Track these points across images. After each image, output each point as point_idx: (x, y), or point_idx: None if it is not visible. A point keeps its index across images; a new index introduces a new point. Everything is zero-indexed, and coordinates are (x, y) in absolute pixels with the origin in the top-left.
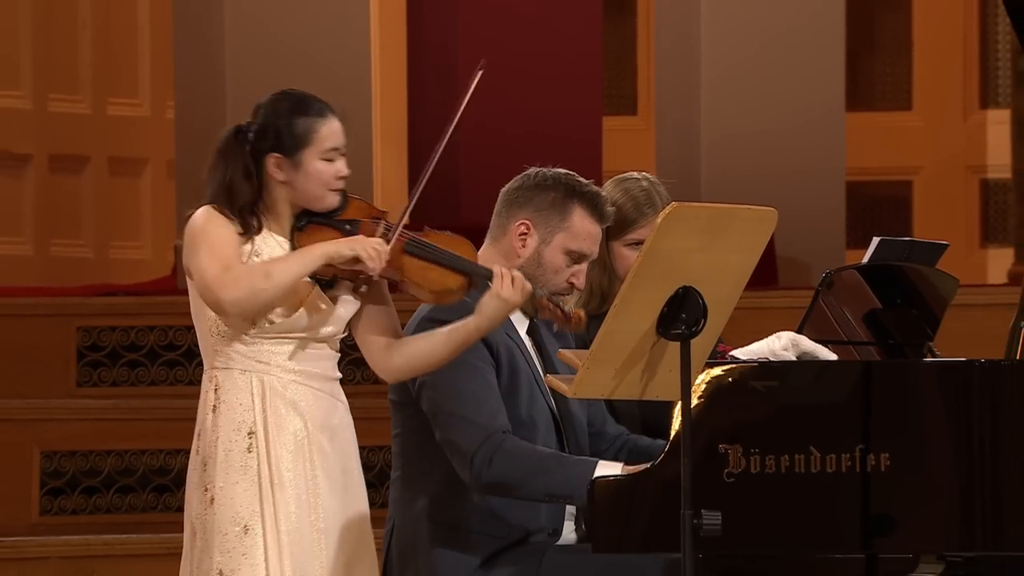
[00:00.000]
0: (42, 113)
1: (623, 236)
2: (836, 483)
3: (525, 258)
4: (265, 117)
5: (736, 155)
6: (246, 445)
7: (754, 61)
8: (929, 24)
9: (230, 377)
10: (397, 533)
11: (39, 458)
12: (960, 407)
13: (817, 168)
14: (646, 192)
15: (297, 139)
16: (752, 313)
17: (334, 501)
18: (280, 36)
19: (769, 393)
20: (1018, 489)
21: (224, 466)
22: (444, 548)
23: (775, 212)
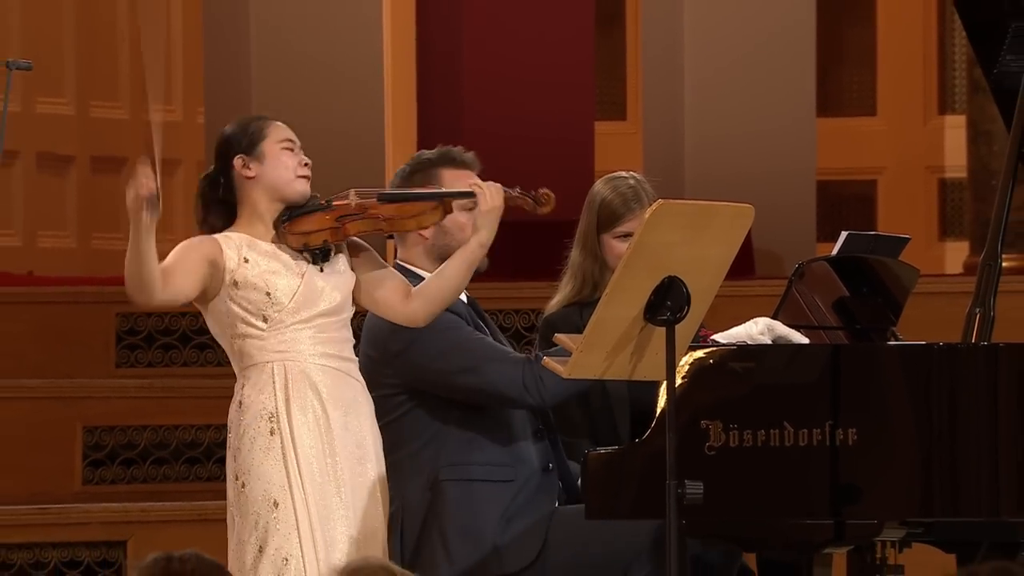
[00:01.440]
0: (84, 118)
1: (612, 229)
2: (808, 455)
3: (432, 236)
4: (225, 134)
5: (717, 156)
6: (268, 429)
7: (733, 70)
8: (892, 37)
9: (255, 372)
10: (407, 512)
11: (82, 433)
12: (920, 387)
13: (790, 168)
14: (633, 189)
15: (253, 137)
16: (731, 301)
17: (351, 473)
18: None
19: (747, 373)
20: (973, 461)
21: (250, 452)
22: (463, 507)
23: (752, 208)
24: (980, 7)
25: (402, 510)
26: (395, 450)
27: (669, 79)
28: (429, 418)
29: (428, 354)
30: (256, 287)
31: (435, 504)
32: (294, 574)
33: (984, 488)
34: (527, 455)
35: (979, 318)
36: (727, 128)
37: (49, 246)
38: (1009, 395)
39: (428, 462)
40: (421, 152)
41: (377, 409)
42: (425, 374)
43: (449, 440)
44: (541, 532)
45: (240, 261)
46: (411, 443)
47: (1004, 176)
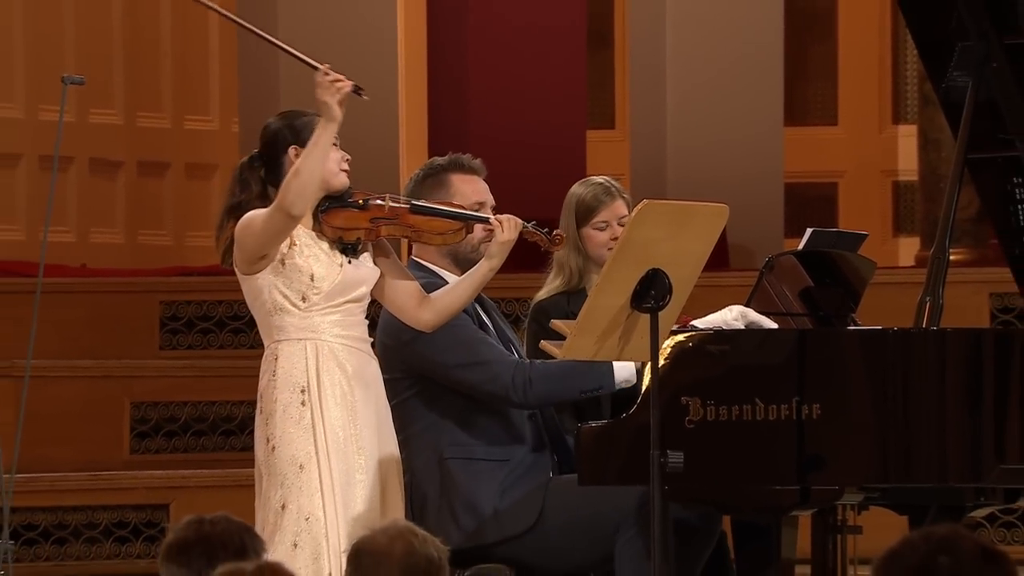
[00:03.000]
0: (131, 128)
1: (590, 221)
2: (776, 429)
3: None
4: (275, 127)
5: (696, 161)
6: (300, 400)
7: (710, 85)
8: (851, 55)
9: (288, 346)
10: (416, 486)
11: (129, 408)
12: (877, 367)
13: (760, 172)
14: (602, 185)
15: (305, 131)
16: (708, 290)
17: (370, 440)
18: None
19: (722, 355)
20: (923, 433)
21: (282, 419)
22: (465, 482)
23: (727, 208)
24: (931, 28)
25: (411, 483)
26: (404, 428)
27: (653, 92)
28: (434, 402)
29: (433, 347)
30: (301, 269)
31: (441, 479)
32: (314, 531)
33: (934, 457)
34: (522, 436)
35: (929, 306)
36: (705, 136)
37: (100, 242)
38: (956, 374)
39: (433, 441)
40: (433, 159)
41: (390, 389)
42: (428, 364)
43: (451, 422)
44: (538, 499)
45: (290, 243)
46: (417, 423)
47: (951, 179)
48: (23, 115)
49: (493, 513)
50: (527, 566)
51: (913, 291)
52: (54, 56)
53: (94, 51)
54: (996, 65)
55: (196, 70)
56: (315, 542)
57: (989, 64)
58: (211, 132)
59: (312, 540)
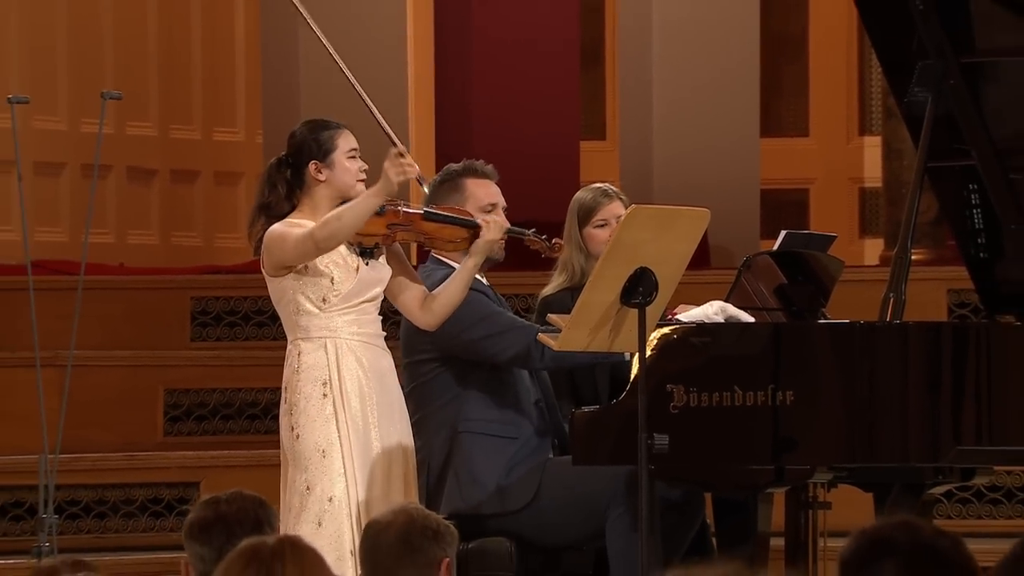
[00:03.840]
0: (165, 139)
1: (590, 221)
2: (753, 414)
3: None
4: (301, 137)
5: (679, 169)
6: (322, 393)
7: (692, 100)
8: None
9: (310, 344)
10: (431, 457)
11: (163, 394)
12: (845, 357)
13: (739, 179)
14: (601, 189)
15: (326, 146)
16: (691, 287)
17: (384, 426)
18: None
19: (704, 347)
20: (887, 417)
21: (305, 409)
22: (474, 456)
23: (708, 212)
24: (894, 48)
25: (428, 456)
26: (423, 407)
27: (640, 107)
28: (453, 382)
29: (459, 324)
30: (322, 274)
31: (453, 452)
32: (336, 511)
33: (896, 439)
34: (528, 419)
35: (892, 301)
36: (688, 146)
37: (136, 243)
38: (917, 364)
39: (450, 417)
40: (449, 165)
41: (412, 373)
42: (456, 341)
43: (468, 400)
44: (536, 478)
45: None
46: (437, 400)
47: (912, 186)
48: (66, 127)
49: (496, 489)
50: (525, 539)
51: (878, 288)
52: (94, 73)
53: (131, 69)
54: (953, 82)
55: (224, 87)
56: (337, 521)
57: (947, 81)
58: (237, 143)
59: (334, 520)
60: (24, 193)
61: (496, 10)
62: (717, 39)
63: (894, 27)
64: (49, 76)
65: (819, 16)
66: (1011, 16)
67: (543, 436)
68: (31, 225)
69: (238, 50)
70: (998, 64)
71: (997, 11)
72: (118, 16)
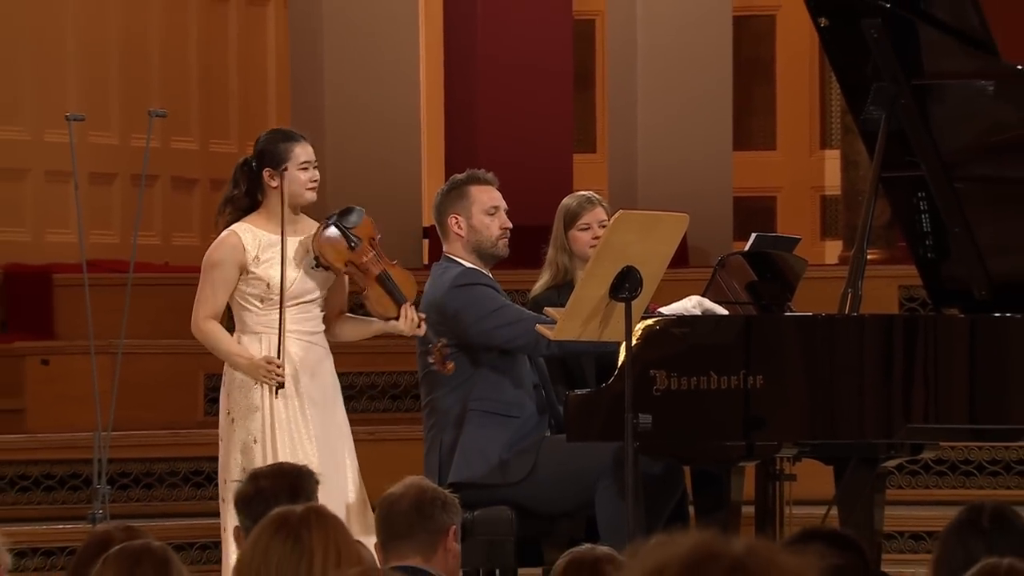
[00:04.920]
0: (205, 152)
1: (575, 224)
2: (727, 396)
3: (466, 235)
4: (261, 144)
5: (661, 179)
6: (254, 382)
7: (673, 118)
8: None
9: (249, 338)
10: (444, 432)
11: (203, 378)
12: (808, 346)
13: (714, 188)
14: (586, 196)
15: (280, 156)
16: (672, 283)
17: (318, 415)
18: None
19: (683, 336)
20: (845, 399)
21: (240, 396)
22: (481, 432)
23: (687, 217)
24: (851, 71)
25: (440, 432)
26: (436, 389)
27: (626, 124)
28: (463, 367)
29: (473, 315)
30: (260, 279)
31: (462, 427)
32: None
33: (854, 418)
34: (529, 400)
35: (850, 296)
36: (669, 159)
37: (180, 244)
38: (872, 352)
39: (460, 398)
40: (455, 175)
41: (427, 360)
42: (471, 329)
43: (476, 383)
44: (534, 453)
45: (254, 257)
46: (448, 383)
47: (868, 194)
48: (118, 142)
49: (499, 462)
50: (524, 508)
51: (837, 284)
52: (142, 94)
53: (174, 90)
54: (904, 102)
55: (256, 106)
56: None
57: (899, 101)
58: None
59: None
60: (80, 201)
61: (499, 38)
62: (694, 64)
63: (852, 53)
64: (102, 97)
65: (785, 43)
66: (955, 44)
67: (541, 415)
68: (86, 229)
69: (269, 73)
70: (944, 86)
71: (943, 40)
72: (163, 44)
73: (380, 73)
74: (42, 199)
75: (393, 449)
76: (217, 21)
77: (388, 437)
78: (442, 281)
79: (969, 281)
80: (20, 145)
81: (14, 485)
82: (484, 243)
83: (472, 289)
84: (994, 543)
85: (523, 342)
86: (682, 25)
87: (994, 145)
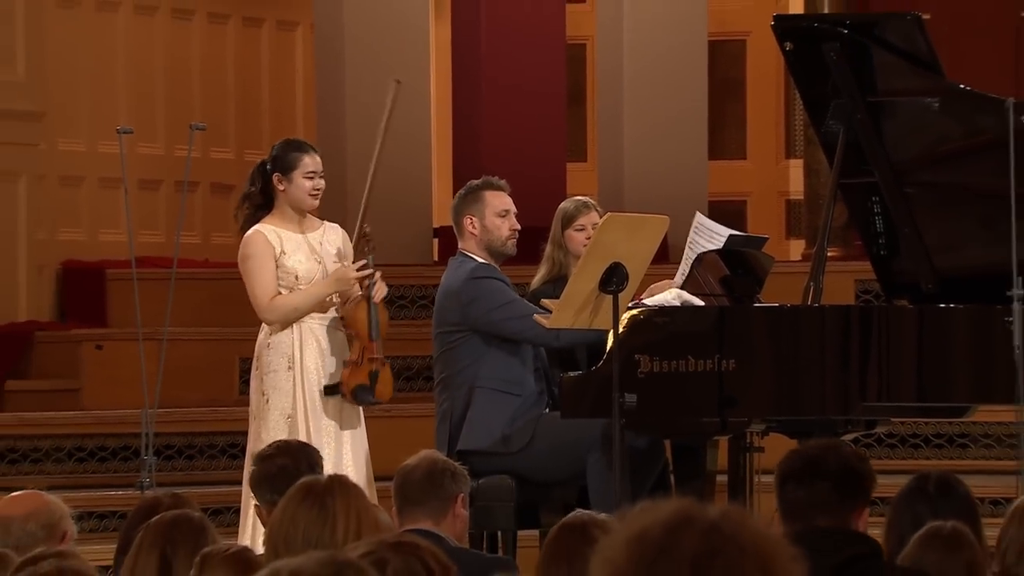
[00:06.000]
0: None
1: (571, 225)
2: (703, 377)
3: (479, 235)
4: (274, 151)
5: (645, 185)
6: (287, 365)
7: (655, 131)
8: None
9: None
10: (454, 407)
11: (238, 361)
12: (775, 333)
13: (691, 193)
14: (581, 201)
15: (290, 164)
16: (654, 278)
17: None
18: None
19: (664, 324)
20: (807, 380)
21: (274, 377)
22: (486, 407)
23: (667, 219)
24: (813, 89)
25: (451, 407)
26: (448, 368)
27: (614, 136)
28: (474, 349)
29: (485, 306)
30: (287, 270)
31: (470, 403)
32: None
33: (815, 397)
34: (530, 380)
35: (812, 289)
36: (652, 167)
37: (218, 242)
38: (832, 338)
39: (470, 376)
40: (472, 181)
41: (441, 341)
42: (482, 317)
43: (485, 364)
44: (532, 427)
45: (280, 251)
46: (460, 363)
47: (828, 198)
48: (163, 152)
49: (502, 435)
50: (523, 477)
51: (800, 279)
52: (184, 109)
53: (213, 106)
54: (860, 116)
55: (286, 120)
56: None
57: (855, 116)
58: None
59: None
60: (130, 204)
61: (500, 60)
62: (674, 83)
63: (813, 74)
64: (149, 112)
65: (755, 65)
66: (905, 65)
67: (540, 394)
68: (135, 229)
69: (297, 91)
70: (895, 103)
71: (894, 62)
72: (203, 64)
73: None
74: (96, 203)
75: (406, 424)
76: (251, 44)
77: (401, 414)
78: (459, 273)
79: (917, 275)
80: (77, 155)
81: (71, 456)
82: (495, 242)
83: (487, 282)
84: (939, 508)
85: (532, 335)
86: (663, 49)
87: (940, 155)
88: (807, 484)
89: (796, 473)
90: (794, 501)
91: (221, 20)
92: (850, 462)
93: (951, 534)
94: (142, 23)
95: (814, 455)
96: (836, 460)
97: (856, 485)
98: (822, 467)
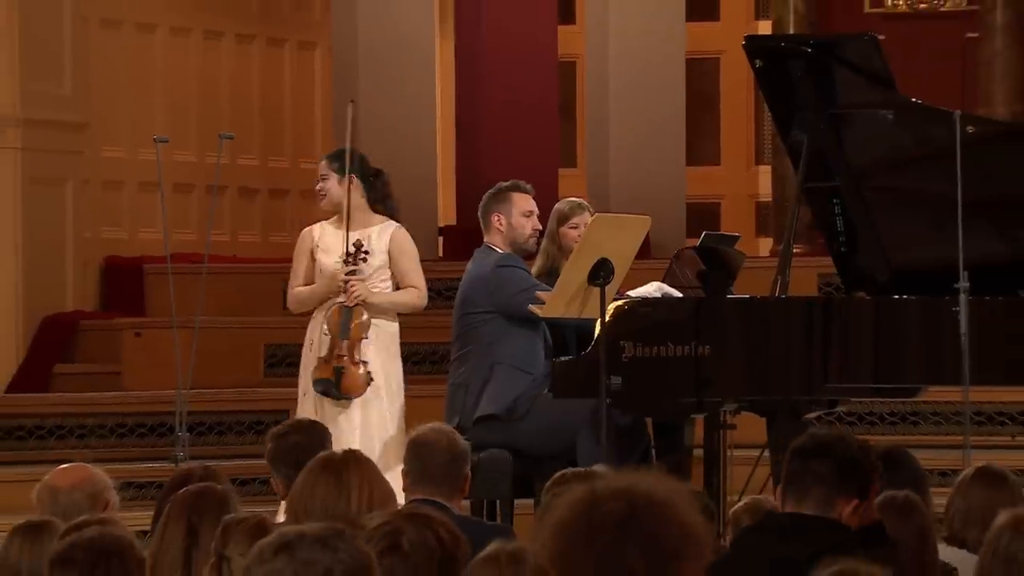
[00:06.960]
0: (264, 167)
1: (565, 223)
2: (681, 361)
3: (505, 231)
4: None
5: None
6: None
7: (639, 140)
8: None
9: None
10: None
11: (263, 348)
12: (746, 322)
13: (671, 195)
14: (576, 201)
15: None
16: (637, 272)
17: None
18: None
19: (646, 314)
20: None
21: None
22: (502, 382)
23: (649, 219)
24: (780, 102)
25: (469, 380)
26: (470, 344)
27: (601, 145)
28: (495, 330)
29: (510, 291)
30: (319, 264)
31: (487, 379)
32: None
33: (781, 379)
34: (541, 361)
35: (779, 283)
36: (635, 173)
37: (244, 241)
38: (797, 327)
39: (489, 353)
40: (500, 183)
41: (464, 321)
42: (506, 300)
43: (504, 342)
44: (530, 403)
45: (315, 246)
46: (482, 341)
47: (794, 201)
48: (195, 159)
49: (505, 408)
50: (520, 451)
51: (769, 273)
52: (214, 120)
53: (240, 117)
54: (823, 127)
55: (306, 129)
56: None
57: (818, 126)
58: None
59: None
60: (165, 206)
61: (498, 75)
62: (655, 96)
63: (781, 88)
64: (183, 122)
65: (728, 80)
66: (863, 81)
67: (547, 375)
68: (170, 229)
69: (316, 104)
70: (854, 115)
71: (854, 78)
72: (232, 80)
73: (404, 103)
74: (135, 205)
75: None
76: (275, 63)
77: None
78: (487, 261)
79: (874, 270)
80: (118, 162)
81: (113, 432)
82: (519, 239)
83: (513, 270)
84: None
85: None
86: (645, 66)
87: (895, 161)
88: (812, 459)
89: (806, 450)
90: (795, 472)
91: (247, 41)
92: (855, 452)
93: (904, 502)
94: (177, 43)
95: (826, 439)
96: (843, 447)
97: (855, 471)
98: (830, 449)
